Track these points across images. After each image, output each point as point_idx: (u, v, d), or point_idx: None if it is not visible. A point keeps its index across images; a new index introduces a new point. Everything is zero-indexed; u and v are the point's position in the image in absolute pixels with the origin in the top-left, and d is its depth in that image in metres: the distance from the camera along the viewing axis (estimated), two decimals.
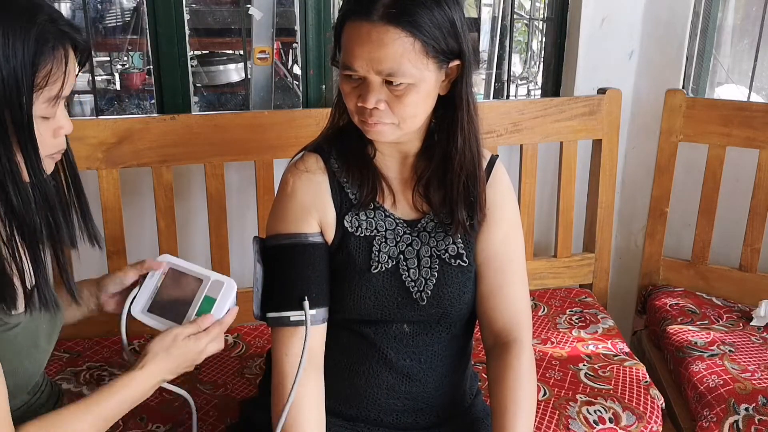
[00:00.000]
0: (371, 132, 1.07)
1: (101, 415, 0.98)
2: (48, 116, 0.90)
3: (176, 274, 1.14)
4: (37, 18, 0.86)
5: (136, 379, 1.02)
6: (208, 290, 1.11)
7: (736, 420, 1.46)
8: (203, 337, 1.07)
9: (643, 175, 2.13)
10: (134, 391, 1.02)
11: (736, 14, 2.56)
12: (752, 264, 1.91)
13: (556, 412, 1.44)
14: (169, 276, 1.14)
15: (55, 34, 0.88)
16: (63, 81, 0.89)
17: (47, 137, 0.91)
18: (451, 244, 1.16)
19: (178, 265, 1.14)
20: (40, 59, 0.86)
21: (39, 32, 0.86)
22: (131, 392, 1.02)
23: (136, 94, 3.46)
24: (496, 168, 1.21)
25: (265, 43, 2.09)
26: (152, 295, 1.13)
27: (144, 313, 1.12)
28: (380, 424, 1.20)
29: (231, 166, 1.76)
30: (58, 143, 0.94)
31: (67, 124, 0.94)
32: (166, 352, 1.04)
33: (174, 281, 1.13)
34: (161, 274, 1.13)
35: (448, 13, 1.02)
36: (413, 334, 1.17)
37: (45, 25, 0.87)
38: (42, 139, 0.90)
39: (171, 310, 1.11)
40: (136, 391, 1.02)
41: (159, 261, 1.15)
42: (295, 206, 1.13)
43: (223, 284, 1.11)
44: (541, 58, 2.39)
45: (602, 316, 1.84)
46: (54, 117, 0.91)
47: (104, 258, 1.65)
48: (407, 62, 1.00)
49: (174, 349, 1.05)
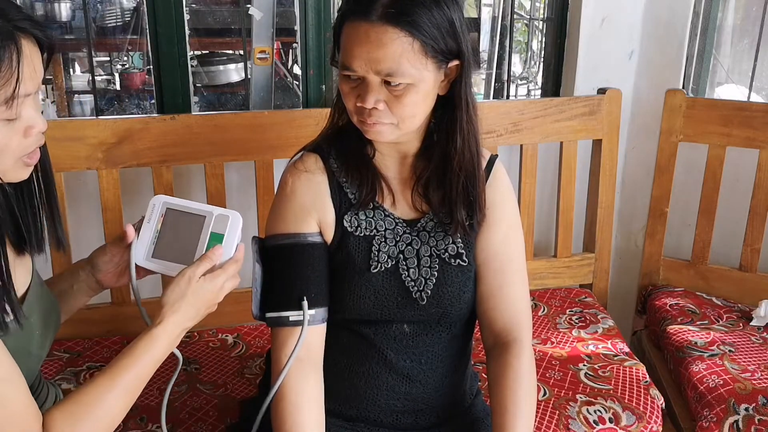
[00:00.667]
0: (370, 132, 1.07)
1: (127, 387, 0.95)
2: (11, 118, 0.85)
3: (175, 215, 1.05)
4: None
5: (158, 337, 0.97)
6: (213, 226, 1.03)
7: (736, 420, 1.46)
8: (220, 274, 1.01)
9: (643, 175, 2.13)
10: (157, 350, 0.97)
11: (736, 14, 2.56)
12: (752, 264, 1.91)
13: (556, 412, 1.44)
14: (168, 217, 1.05)
15: (5, 31, 0.82)
16: (17, 80, 0.82)
17: (14, 139, 0.86)
18: (451, 244, 1.16)
19: (175, 204, 1.06)
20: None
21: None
22: (155, 352, 0.97)
23: (136, 94, 3.46)
24: (495, 168, 1.21)
25: (265, 43, 2.09)
26: (153, 239, 1.05)
27: (148, 260, 1.05)
28: (380, 425, 1.20)
29: (231, 166, 1.76)
30: (31, 143, 0.89)
31: (39, 122, 0.88)
32: (183, 299, 0.98)
33: (174, 222, 1.05)
34: (159, 215, 1.05)
35: (447, 13, 1.02)
36: (413, 335, 1.17)
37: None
38: (7, 142, 0.85)
39: (177, 251, 1.03)
40: (159, 349, 0.97)
41: (152, 202, 1.06)
42: (294, 206, 1.13)
43: (228, 218, 1.04)
44: (541, 58, 2.40)
45: (602, 316, 1.84)
46: (20, 117, 0.86)
47: None
48: (406, 62, 1.00)
49: (190, 293, 0.98)
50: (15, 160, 0.88)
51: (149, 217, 1.05)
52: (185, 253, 1.03)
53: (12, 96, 0.83)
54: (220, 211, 1.04)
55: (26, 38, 0.85)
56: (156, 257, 1.05)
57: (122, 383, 0.95)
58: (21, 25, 0.84)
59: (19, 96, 0.84)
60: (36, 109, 0.89)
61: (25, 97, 0.86)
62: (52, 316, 1.06)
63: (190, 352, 1.65)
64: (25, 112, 0.87)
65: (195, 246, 1.03)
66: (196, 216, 1.04)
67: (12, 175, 0.90)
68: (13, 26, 0.83)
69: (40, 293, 1.04)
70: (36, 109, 0.89)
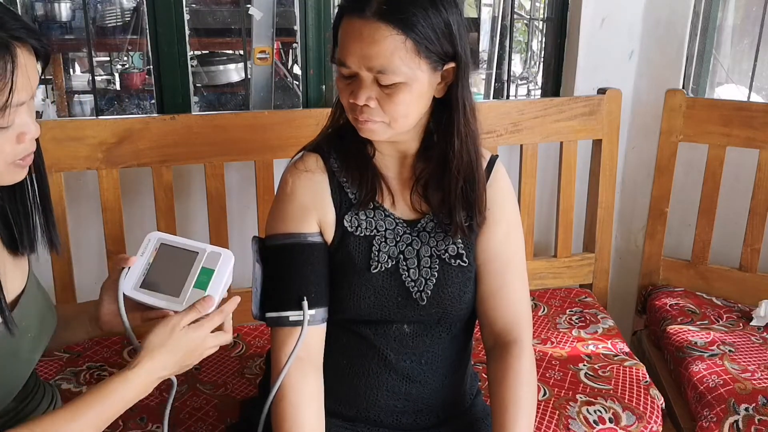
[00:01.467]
0: (363, 129, 1.07)
1: (89, 424, 0.91)
2: (4, 126, 0.85)
3: (169, 249, 1.05)
4: None
5: (130, 381, 0.94)
6: (205, 262, 1.02)
7: (736, 420, 1.46)
8: (205, 323, 0.99)
9: (643, 175, 2.13)
10: (128, 393, 0.94)
11: (736, 14, 2.56)
12: (752, 264, 1.91)
13: (556, 412, 1.44)
14: (161, 251, 1.05)
15: None
16: (10, 90, 0.82)
17: (7, 146, 0.87)
18: (451, 244, 1.16)
19: (170, 241, 1.06)
20: None
21: None
22: (125, 395, 0.94)
23: (136, 94, 3.46)
24: (496, 168, 1.21)
25: (265, 43, 2.09)
26: (144, 271, 1.04)
27: (136, 290, 1.03)
28: (380, 425, 1.20)
29: (231, 166, 1.76)
30: (24, 149, 0.89)
31: (32, 128, 0.89)
32: (163, 347, 0.96)
33: (167, 256, 1.04)
34: (153, 249, 1.04)
35: (443, 15, 1.02)
36: (413, 335, 1.17)
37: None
38: (1, 148, 0.86)
39: (165, 284, 1.02)
40: (130, 393, 0.94)
41: (148, 237, 1.06)
42: (294, 206, 1.13)
43: (220, 255, 1.03)
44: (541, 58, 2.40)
45: (602, 316, 1.84)
46: (13, 124, 0.86)
47: (104, 258, 1.65)
48: (398, 60, 1.00)
49: (172, 341, 0.96)
50: (7, 165, 0.89)
51: (143, 251, 1.05)
52: (173, 286, 1.02)
53: (5, 105, 0.83)
54: (213, 249, 1.04)
55: (22, 47, 0.85)
56: (143, 288, 1.03)
57: (84, 420, 0.91)
58: (17, 34, 0.84)
59: (12, 105, 0.84)
60: (29, 116, 0.89)
61: (19, 106, 0.86)
62: (48, 320, 1.05)
63: None
64: (19, 119, 0.87)
65: (184, 279, 1.02)
66: (188, 252, 1.04)
67: (7, 178, 0.91)
68: (10, 35, 0.83)
69: (35, 296, 1.03)
70: (29, 115, 0.89)
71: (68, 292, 1.61)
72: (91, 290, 1.69)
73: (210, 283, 1.01)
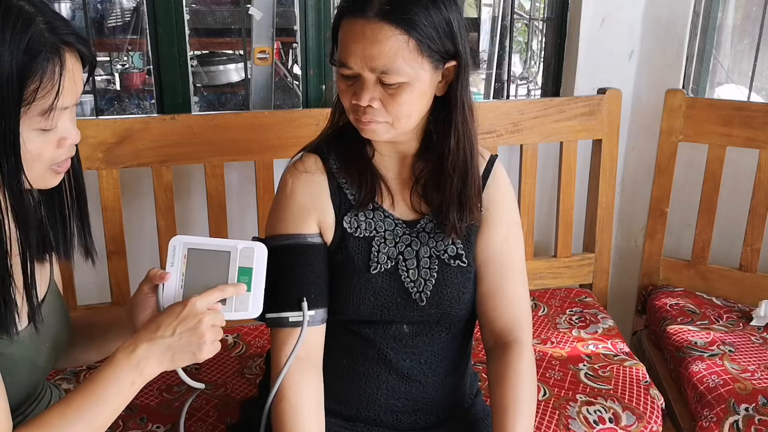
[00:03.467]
0: (365, 130, 1.07)
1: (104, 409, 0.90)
2: (47, 128, 0.86)
3: (198, 254, 1.00)
4: (32, 26, 0.81)
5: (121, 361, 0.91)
6: (240, 261, 0.99)
7: (736, 420, 1.46)
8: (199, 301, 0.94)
9: (643, 175, 2.13)
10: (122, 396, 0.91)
11: (736, 14, 2.56)
12: (752, 264, 1.91)
13: (556, 412, 1.44)
14: (191, 257, 1.00)
15: (51, 43, 0.83)
16: (57, 93, 0.84)
17: (48, 149, 0.87)
18: (451, 245, 1.16)
19: (197, 243, 1.01)
20: (29, 73, 0.81)
21: (31, 42, 0.81)
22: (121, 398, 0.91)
23: (136, 94, 3.46)
24: (495, 168, 1.21)
25: (265, 43, 2.09)
26: (181, 284, 0.99)
27: None
28: (380, 425, 1.20)
29: (231, 166, 1.76)
30: (62, 153, 0.90)
31: (73, 133, 0.89)
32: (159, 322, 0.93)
33: (199, 261, 0.99)
34: (182, 257, 0.99)
35: (444, 13, 1.02)
36: (413, 335, 1.17)
37: (40, 34, 0.82)
38: (40, 151, 0.86)
39: None
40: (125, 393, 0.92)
41: (172, 244, 1.00)
42: (294, 207, 1.13)
43: (253, 250, 1.00)
44: (541, 58, 2.39)
45: (602, 316, 1.84)
46: (55, 128, 0.87)
47: (104, 258, 1.65)
48: (401, 60, 1.00)
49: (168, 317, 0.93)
50: (45, 169, 0.89)
51: (172, 260, 1.00)
52: None
53: (50, 107, 0.84)
54: (243, 245, 1.00)
55: (70, 52, 0.86)
56: None
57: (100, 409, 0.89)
58: (67, 39, 0.85)
59: (57, 108, 0.85)
60: (71, 121, 0.90)
61: (63, 110, 0.86)
62: (64, 331, 1.05)
63: None
64: (61, 123, 0.88)
65: (225, 283, 0.99)
66: (220, 252, 1.00)
67: (41, 182, 0.91)
68: (60, 40, 0.84)
69: (55, 305, 1.03)
70: (71, 120, 0.90)
71: (69, 292, 1.61)
72: (92, 290, 1.70)
73: (252, 283, 1.00)
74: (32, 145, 0.85)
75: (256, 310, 1.00)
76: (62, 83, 0.84)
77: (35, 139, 0.85)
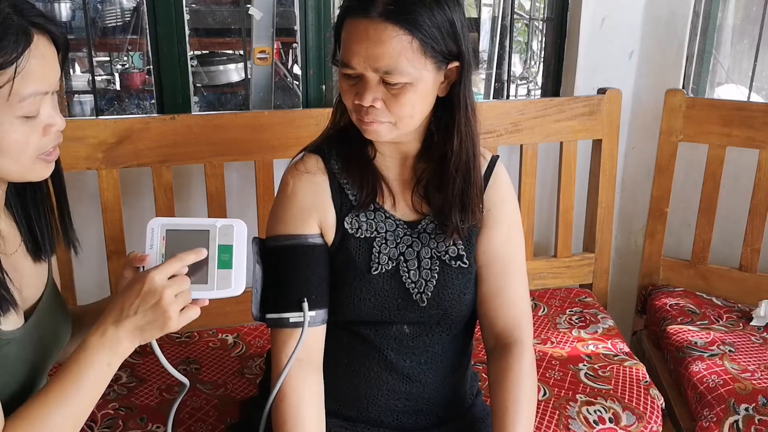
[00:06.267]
0: (368, 131, 1.07)
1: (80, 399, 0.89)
2: (29, 115, 0.84)
3: (177, 234, 0.97)
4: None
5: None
6: (219, 238, 0.97)
7: (736, 420, 1.46)
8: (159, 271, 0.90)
9: (643, 175, 2.13)
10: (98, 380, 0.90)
11: (736, 14, 2.56)
12: (752, 264, 1.92)
13: (556, 412, 1.44)
14: (170, 238, 0.97)
15: (18, 26, 0.80)
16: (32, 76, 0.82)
17: (34, 137, 0.86)
18: (452, 246, 1.16)
19: (174, 224, 0.98)
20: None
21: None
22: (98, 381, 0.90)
23: (136, 94, 3.46)
24: (496, 168, 1.21)
25: (265, 43, 2.08)
26: None
27: None
28: (380, 425, 1.20)
29: (231, 166, 1.76)
30: (49, 141, 0.88)
31: (58, 120, 0.88)
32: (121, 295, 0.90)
33: (178, 242, 0.97)
34: (160, 239, 0.97)
35: (448, 13, 1.02)
36: (413, 335, 1.17)
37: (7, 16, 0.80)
38: (26, 139, 0.85)
39: (189, 272, 0.95)
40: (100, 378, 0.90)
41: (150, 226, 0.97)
42: (295, 207, 1.13)
43: (233, 227, 0.97)
44: (541, 58, 2.39)
45: (602, 316, 1.84)
46: (39, 115, 0.85)
47: (104, 258, 1.65)
48: (405, 60, 1.00)
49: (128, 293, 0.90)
50: (33, 159, 0.88)
51: (150, 242, 0.97)
52: (197, 273, 0.96)
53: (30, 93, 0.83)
54: (222, 222, 0.98)
55: (41, 36, 0.84)
56: None
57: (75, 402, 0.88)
58: (36, 20, 0.84)
59: (37, 93, 0.84)
60: (54, 108, 0.89)
61: (44, 95, 0.85)
62: (63, 332, 1.04)
63: (190, 352, 1.65)
64: (44, 110, 0.87)
65: (205, 263, 0.96)
66: (199, 231, 0.97)
67: (32, 174, 0.90)
68: (29, 22, 0.83)
69: (53, 305, 1.02)
70: (54, 107, 0.89)
71: (69, 292, 1.61)
72: (92, 291, 1.70)
73: (233, 260, 0.97)
74: (18, 134, 0.84)
75: (239, 288, 0.98)
76: (34, 65, 0.82)
77: (20, 127, 0.84)
